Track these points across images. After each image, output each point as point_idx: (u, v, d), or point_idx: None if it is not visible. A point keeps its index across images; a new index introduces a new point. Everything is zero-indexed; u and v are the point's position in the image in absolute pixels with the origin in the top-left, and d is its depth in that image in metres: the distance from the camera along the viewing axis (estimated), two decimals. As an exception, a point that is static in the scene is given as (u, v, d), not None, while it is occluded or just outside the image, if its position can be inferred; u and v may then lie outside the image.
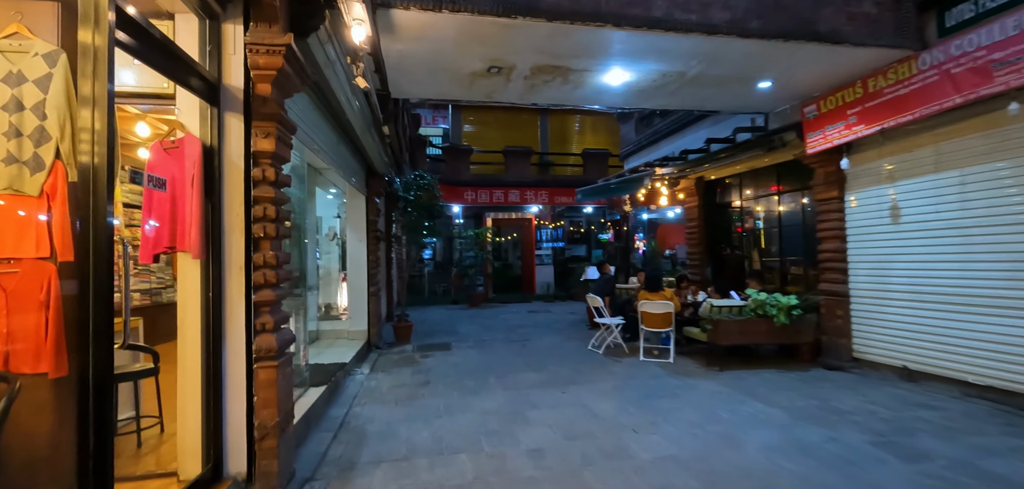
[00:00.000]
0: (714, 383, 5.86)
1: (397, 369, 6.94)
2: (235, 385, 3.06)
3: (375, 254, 8.82)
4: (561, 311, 13.11)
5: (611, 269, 9.19)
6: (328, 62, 4.12)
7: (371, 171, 8.59)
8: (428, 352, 8.08)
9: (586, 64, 5.34)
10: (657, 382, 5.93)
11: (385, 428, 4.56)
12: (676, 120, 10.00)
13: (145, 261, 3.31)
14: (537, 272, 16.97)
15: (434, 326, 11.02)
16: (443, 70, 5.39)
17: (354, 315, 8.52)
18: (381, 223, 10.09)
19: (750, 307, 6.60)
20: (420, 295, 16.58)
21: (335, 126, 5.83)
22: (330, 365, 6.34)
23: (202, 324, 2.99)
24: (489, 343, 8.74)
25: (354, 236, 8.60)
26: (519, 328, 10.41)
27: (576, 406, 5.06)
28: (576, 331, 9.88)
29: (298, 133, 4.44)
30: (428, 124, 18.69)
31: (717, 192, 9.98)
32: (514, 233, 19.45)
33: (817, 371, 6.43)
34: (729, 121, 8.43)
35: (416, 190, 9.32)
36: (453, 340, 9.14)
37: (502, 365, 6.98)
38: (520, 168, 16.80)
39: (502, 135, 18.33)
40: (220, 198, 3.07)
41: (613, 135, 19.43)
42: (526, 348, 8.20)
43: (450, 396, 5.53)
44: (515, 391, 5.64)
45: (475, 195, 16.26)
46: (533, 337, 9.27)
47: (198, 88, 2.96)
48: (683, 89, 6.10)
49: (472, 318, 12.16)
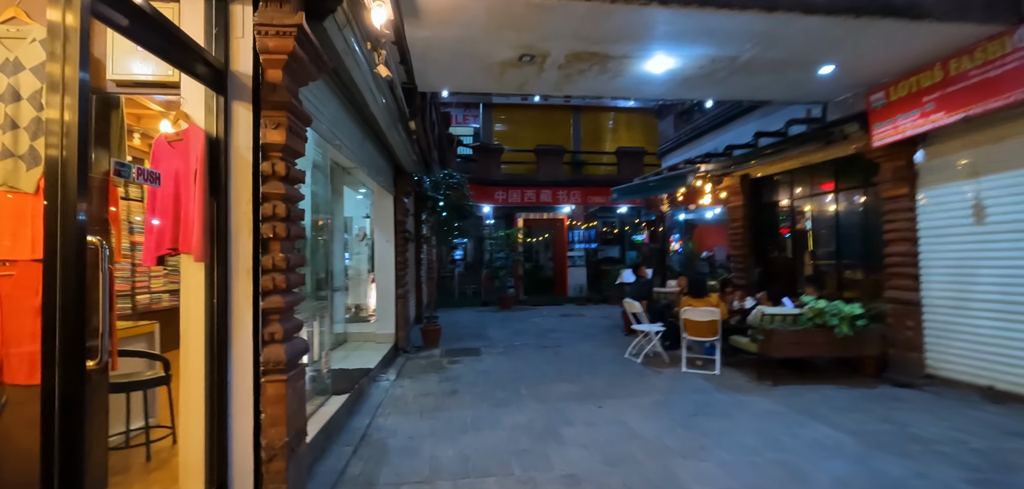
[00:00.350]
0: (768, 400, 5.30)
1: (424, 375, 6.64)
2: (241, 400, 2.79)
3: (403, 255, 8.59)
4: (594, 315, 12.61)
5: (648, 272, 8.67)
6: (347, 50, 3.83)
7: (399, 170, 8.36)
8: (456, 357, 7.77)
9: (626, 49, 4.90)
10: (703, 398, 5.42)
11: (408, 443, 4.24)
12: (720, 113, 9.37)
13: (148, 264, 3.08)
14: (569, 274, 16.49)
15: (463, 329, 10.73)
16: (471, 59, 5.05)
17: (381, 318, 8.31)
18: (410, 223, 9.88)
19: (807, 316, 6.00)
20: (450, 296, 16.36)
21: (359, 122, 5.58)
22: (355, 370, 6.10)
23: (206, 333, 2.73)
24: (520, 349, 8.37)
25: (382, 237, 8.39)
26: (551, 333, 9.99)
27: (615, 424, 4.62)
28: (611, 337, 9.39)
29: (320, 128, 4.20)
30: (458, 123, 18.49)
31: (764, 191, 9.30)
32: (546, 234, 19.02)
33: (884, 389, 5.77)
34: (779, 113, 7.79)
35: (445, 189, 9.04)
36: (482, 345, 8.81)
37: (533, 374, 6.59)
38: (552, 167, 16.37)
39: (534, 134, 17.94)
40: (227, 195, 2.80)
41: (649, 133, 18.76)
42: (559, 355, 7.79)
43: (478, 408, 5.19)
44: (548, 404, 5.25)
45: (506, 195, 15.92)
46: (566, 343, 8.84)
47: (203, 74, 2.70)
48: (733, 77, 5.56)
49: (502, 321, 11.81)
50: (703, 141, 10.17)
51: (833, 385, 5.86)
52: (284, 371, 2.85)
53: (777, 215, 9.09)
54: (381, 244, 8.39)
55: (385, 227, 8.38)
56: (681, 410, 4.99)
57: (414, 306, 10.95)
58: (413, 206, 9.73)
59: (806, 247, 8.58)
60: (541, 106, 18.27)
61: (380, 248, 8.41)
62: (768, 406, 5.11)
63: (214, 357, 2.74)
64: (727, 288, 8.29)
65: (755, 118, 8.47)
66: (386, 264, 8.37)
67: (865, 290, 7.08)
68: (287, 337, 2.93)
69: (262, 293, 2.85)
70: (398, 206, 8.44)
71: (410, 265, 9.91)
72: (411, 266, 10.20)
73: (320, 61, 3.20)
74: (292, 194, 3.02)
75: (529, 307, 14.55)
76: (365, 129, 5.89)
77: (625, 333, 9.75)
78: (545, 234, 19.07)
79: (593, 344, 8.72)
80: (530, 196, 16.08)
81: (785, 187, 8.75)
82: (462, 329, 10.73)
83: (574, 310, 13.77)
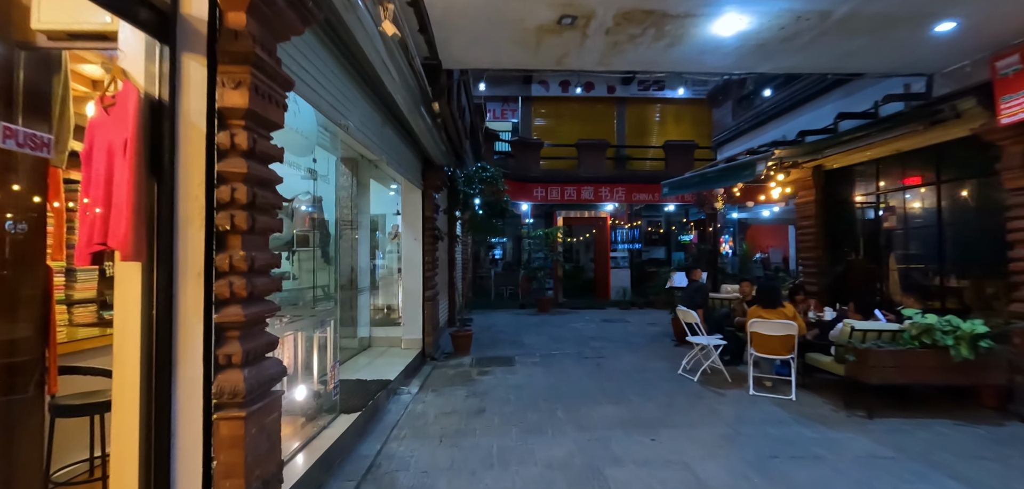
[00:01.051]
0: (867, 439, 4.27)
1: (450, 389, 5.95)
2: (188, 442, 2.14)
3: (432, 254, 7.94)
4: (639, 321, 11.61)
5: (702, 276, 7.64)
6: (348, 4, 3.16)
7: (428, 163, 7.72)
8: (487, 367, 7.05)
9: (689, 6, 4.00)
10: (782, 431, 4.44)
11: (421, 481, 3.53)
12: (789, 96, 8.22)
13: (81, 263, 2.48)
14: (612, 276, 15.48)
15: (497, 334, 10.01)
16: (501, 24, 4.28)
17: (408, 322, 7.69)
18: (442, 220, 9.25)
19: (910, 333, 4.89)
20: (486, 298, 15.70)
21: (376, 103, 4.92)
22: (372, 382, 5.47)
23: (142, 354, 2.09)
24: (558, 359, 7.55)
25: (409, 234, 7.77)
26: (592, 341, 9.12)
27: (674, 465, 3.75)
28: (660, 348, 8.42)
29: (319, 103, 3.55)
30: (496, 118, 17.82)
31: (841, 184, 8.08)
32: (587, 233, 18.07)
33: (1015, 427, 4.60)
34: (867, 92, 6.62)
35: (478, 183, 8.34)
36: (517, 353, 8.05)
37: (573, 392, 5.76)
38: (595, 163, 15.41)
39: (575, 128, 17.03)
40: (173, 175, 2.16)
41: (700, 125, 17.49)
42: (602, 369, 6.92)
43: (507, 434, 4.42)
44: (590, 433, 4.42)
45: (545, 192, 15.09)
46: (609, 354, 7.95)
47: (143, 18, 2.07)
48: (822, 39, 4.55)
49: (540, 326, 11.02)
50: (767, 129, 9.01)
51: (945, 420, 4.74)
52: (244, 404, 2.18)
53: (856, 212, 7.87)
54: (408, 242, 7.78)
55: (413, 223, 7.76)
56: (756, 448, 4.05)
57: (446, 308, 10.34)
58: (446, 202, 9.10)
59: (891, 249, 7.35)
60: (583, 98, 17.34)
61: (407, 246, 7.79)
62: (868, 447, 4.09)
63: (152, 386, 2.10)
64: (798, 296, 7.17)
65: (833, 99, 7.30)
66: (413, 264, 7.75)
67: (974, 301, 5.86)
68: (250, 360, 2.26)
69: (216, 302, 2.19)
70: (427, 201, 7.81)
71: (441, 265, 9.28)
72: (442, 266, 9.57)
73: (303, 7, 2.52)
74: (260, 174, 2.35)
75: (568, 311, 13.68)
76: (384, 113, 5.24)
77: (675, 343, 8.76)
78: (586, 234, 18.13)
79: (640, 356, 7.79)
80: (571, 193, 15.20)
81: (867, 179, 7.52)
82: (496, 334, 10.02)
83: (617, 315, 12.79)
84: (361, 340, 7.64)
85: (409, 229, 7.77)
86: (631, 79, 17.08)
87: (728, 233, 17.90)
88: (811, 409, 5.07)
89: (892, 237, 7.37)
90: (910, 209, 6.93)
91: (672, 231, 18.63)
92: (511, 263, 17.75)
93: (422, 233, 7.76)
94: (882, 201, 7.38)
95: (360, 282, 7.74)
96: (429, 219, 7.80)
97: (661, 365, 7.05)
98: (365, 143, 4.71)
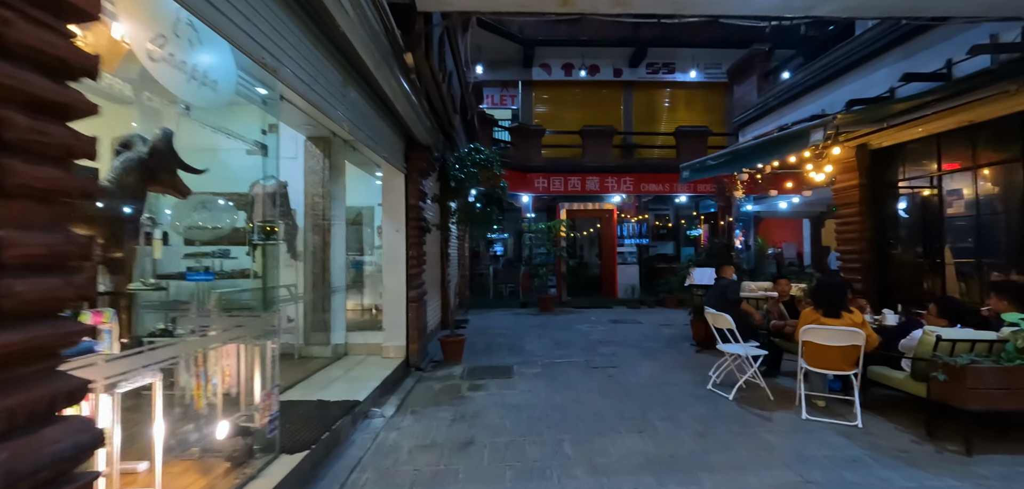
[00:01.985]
0: (975, 487, 3.21)
1: (433, 410, 4.90)
2: None
3: (418, 249, 6.90)
4: (651, 322, 10.55)
5: (733, 273, 6.57)
6: None
7: (412, 142, 6.66)
8: (481, 380, 6.00)
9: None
10: (862, 477, 3.38)
11: (373, 564, 2.48)
12: (829, 63, 7.12)
13: None
14: (619, 273, 14.39)
15: (495, 337, 8.97)
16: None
17: (389, 327, 6.65)
18: (432, 211, 8.20)
19: (1017, 346, 3.82)
20: (484, 296, 14.65)
21: (331, 54, 3.85)
22: (335, 405, 4.43)
23: None
24: (563, 370, 6.50)
25: (390, 225, 6.73)
26: (602, 346, 8.06)
27: (729, 534, 2.70)
28: (680, 355, 7.37)
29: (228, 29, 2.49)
30: (495, 105, 16.73)
31: (889, 165, 7.00)
32: (592, 227, 17.01)
33: None
34: (931, 51, 5.55)
35: (470, 167, 7.28)
36: (516, 361, 7.00)
37: (583, 414, 4.71)
38: (600, 151, 14.31)
39: (579, 115, 15.94)
40: None
41: (712, 111, 16.39)
42: (616, 382, 5.86)
43: (499, 479, 3.38)
44: (608, 480, 3.36)
45: (547, 183, 14.01)
46: (623, 362, 6.90)
47: None
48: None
49: (542, 328, 9.96)
50: (800, 104, 7.91)
51: (1066, 456, 3.68)
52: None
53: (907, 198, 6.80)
54: (389, 234, 6.73)
55: (394, 213, 6.72)
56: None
57: (439, 309, 9.29)
58: (438, 191, 8.04)
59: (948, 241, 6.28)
60: (587, 83, 16.27)
61: (388, 239, 6.75)
62: (987, 503, 3.03)
63: None
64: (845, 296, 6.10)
65: (888, 63, 6.21)
66: (395, 259, 6.71)
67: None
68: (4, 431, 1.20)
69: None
70: (411, 187, 6.75)
71: (431, 262, 8.23)
72: (432, 262, 8.52)
73: None
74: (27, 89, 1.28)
75: (573, 310, 12.62)
76: (345, 69, 4.16)
77: (697, 349, 7.71)
78: (591, 227, 17.06)
79: (658, 364, 6.73)
80: (575, 184, 14.11)
81: (924, 158, 6.43)
82: (494, 337, 8.97)
83: (626, 315, 11.72)
84: (335, 348, 6.60)
85: (390, 219, 6.72)
86: (639, 60, 15.98)
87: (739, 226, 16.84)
88: (886, 440, 4.00)
89: (954, 227, 6.29)
90: (984, 191, 5.84)
91: (681, 225, 17.55)
92: (511, 259, 16.70)
93: (405, 223, 6.71)
94: (945, 184, 6.29)
95: (334, 281, 6.70)
96: (414, 207, 6.75)
97: (685, 377, 5.99)
98: (316, 103, 3.63)
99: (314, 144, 6.58)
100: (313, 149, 6.60)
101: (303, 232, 6.68)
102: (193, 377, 3.32)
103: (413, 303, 6.67)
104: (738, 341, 5.24)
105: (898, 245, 7.10)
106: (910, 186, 6.81)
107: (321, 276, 6.63)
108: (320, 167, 6.63)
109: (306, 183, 6.68)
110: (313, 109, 3.81)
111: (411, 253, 6.71)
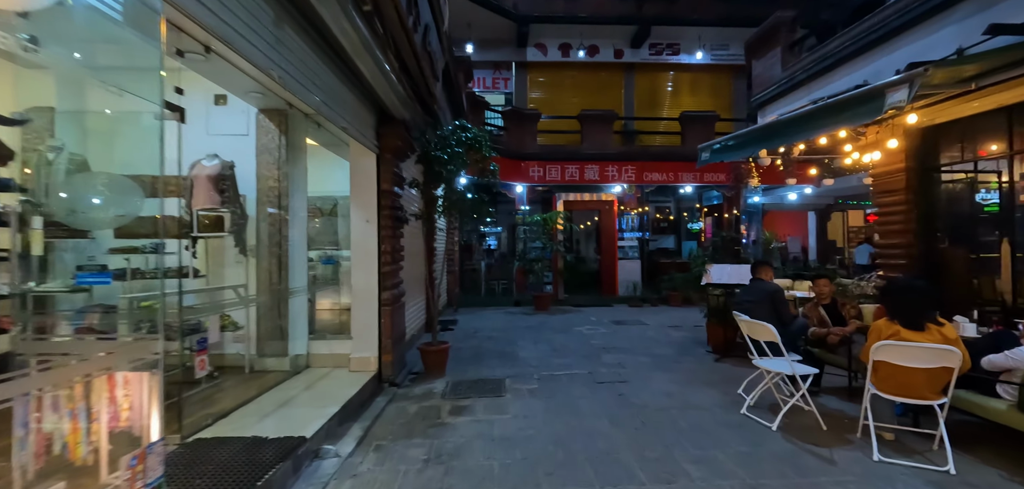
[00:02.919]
0: None
1: (403, 446, 3.88)
2: None
3: (393, 243, 5.86)
4: (657, 323, 9.57)
5: (772, 275, 5.56)
6: None
7: (385, 116, 5.61)
8: (466, 399, 4.99)
9: None
10: (992, 563, 2.40)
11: None
12: (880, 22, 6.10)
13: None
14: (620, 268, 13.41)
15: (486, 341, 7.96)
16: None
17: (358, 334, 5.62)
18: (413, 198, 7.15)
19: None
20: (476, 294, 13.62)
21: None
22: (272, 443, 3.40)
23: None
24: (564, 385, 5.49)
25: (358, 214, 5.68)
26: (606, 353, 7.07)
27: None
28: (697, 363, 6.39)
29: None
30: (487, 89, 15.64)
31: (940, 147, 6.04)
32: (591, 219, 16.02)
33: None
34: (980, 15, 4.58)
35: (455, 147, 6.23)
36: (509, 374, 5.99)
37: (592, 454, 3.70)
38: (600, 137, 13.28)
39: (577, 100, 14.92)
40: None
41: (718, 96, 15.42)
42: (628, 404, 4.85)
43: (483, 571, 2.37)
44: (637, 570, 2.36)
45: (543, 171, 12.98)
46: (632, 374, 5.90)
47: None
48: None
49: (538, 329, 8.96)
50: (837, 75, 6.90)
51: None
52: None
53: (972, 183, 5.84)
54: (358, 224, 5.68)
55: (364, 199, 5.67)
56: None
57: (424, 309, 8.26)
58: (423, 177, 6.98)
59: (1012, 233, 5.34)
60: (586, 64, 15.22)
61: (357, 230, 5.70)
62: None
63: None
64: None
65: (957, 18, 5.19)
66: (365, 254, 5.66)
67: None
68: None
69: None
70: (384, 170, 5.71)
71: (412, 257, 7.19)
72: (415, 258, 7.49)
73: None
74: None
75: (571, 309, 11.63)
76: (280, 1, 3.11)
77: (715, 358, 6.74)
78: (590, 220, 16.07)
79: (675, 377, 5.74)
80: (572, 173, 13.09)
81: (996, 135, 5.44)
82: (483, 341, 7.96)
83: (629, 315, 10.74)
84: (295, 360, 5.55)
85: (359, 207, 5.67)
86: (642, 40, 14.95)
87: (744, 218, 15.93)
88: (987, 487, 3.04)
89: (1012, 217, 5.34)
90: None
91: (683, 218, 16.61)
92: (505, 254, 15.67)
93: (378, 212, 5.67)
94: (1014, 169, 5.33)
95: (293, 281, 5.64)
96: (388, 193, 5.70)
97: (710, 397, 5.00)
98: (228, 38, 2.57)
99: (268, 117, 5.51)
100: (267, 123, 5.52)
101: (255, 222, 5.61)
102: (66, 418, 2.32)
103: (387, 306, 5.64)
104: (782, 355, 4.25)
105: (944, 240, 6.14)
106: (965, 172, 5.85)
107: (277, 275, 5.57)
108: (275, 145, 5.56)
109: (259, 164, 5.61)
110: (230, 51, 2.74)
111: (384, 247, 5.67)
